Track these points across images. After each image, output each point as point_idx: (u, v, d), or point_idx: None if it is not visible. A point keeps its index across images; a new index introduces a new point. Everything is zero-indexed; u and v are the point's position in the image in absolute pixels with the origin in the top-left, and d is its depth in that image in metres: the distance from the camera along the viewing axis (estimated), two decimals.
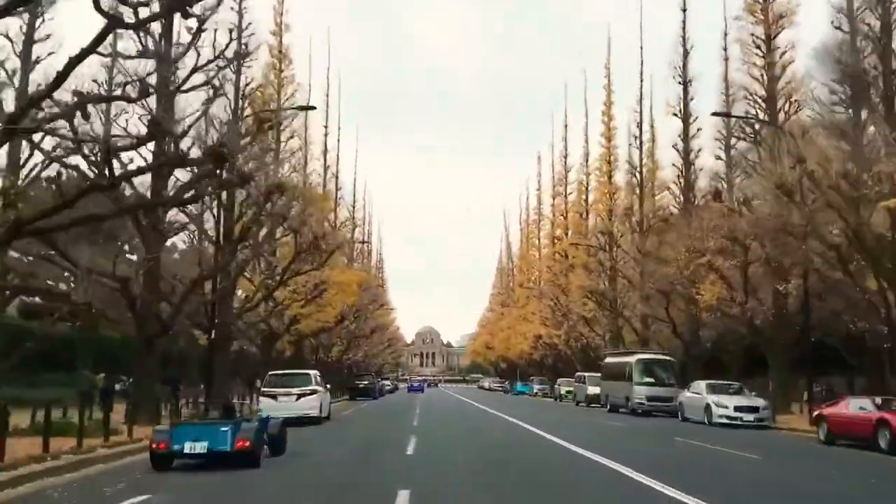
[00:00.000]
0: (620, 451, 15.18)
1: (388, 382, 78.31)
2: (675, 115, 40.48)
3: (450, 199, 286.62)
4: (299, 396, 23.33)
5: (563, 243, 67.13)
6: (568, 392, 53.03)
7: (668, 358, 33.57)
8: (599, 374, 45.19)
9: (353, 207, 70.15)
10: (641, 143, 47.65)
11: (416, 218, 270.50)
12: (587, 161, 63.44)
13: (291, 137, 38.17)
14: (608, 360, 38.00)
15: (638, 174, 47.42)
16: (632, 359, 33.10)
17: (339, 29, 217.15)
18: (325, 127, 56.44)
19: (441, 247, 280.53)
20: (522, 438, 20.33)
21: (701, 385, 26.55)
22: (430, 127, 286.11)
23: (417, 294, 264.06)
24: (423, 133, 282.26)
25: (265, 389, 23.73)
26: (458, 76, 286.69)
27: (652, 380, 32.01)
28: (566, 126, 71.97)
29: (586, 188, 63.13)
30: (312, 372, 25.08)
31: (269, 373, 25.32)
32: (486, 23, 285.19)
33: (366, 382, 54.29)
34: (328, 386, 26.96)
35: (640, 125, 47.88)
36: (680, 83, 40.58)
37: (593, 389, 42.36)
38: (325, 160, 55.37)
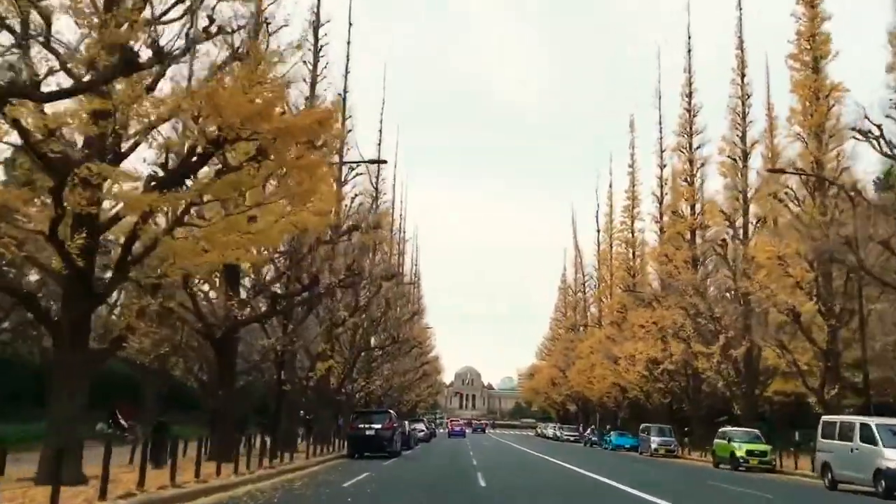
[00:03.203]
0: None
1: (421, 426, 52.90)
2: None
3: (460, 235, 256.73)
4: None
5: (702, 216, 42.99)
6: (753, 451, 28.58)
7: None
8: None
9: (377, 178, 47.13)
10: None
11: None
12: (742, 73, 39.72)
13: None
14: None
15: None
16: None
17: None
18: None
19: (453, 286, 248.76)
20: None
21: None
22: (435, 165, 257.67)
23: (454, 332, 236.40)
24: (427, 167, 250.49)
25: None
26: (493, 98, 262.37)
27: None
28: (689, 50, 48.38)
29: (743, 115, 39.20)
30: None
31: None
32: (516, 56, 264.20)
33: (377, 427, 29.35)
34: None
35: None
36: None
37: None
38: (315, 51, 31.74)
